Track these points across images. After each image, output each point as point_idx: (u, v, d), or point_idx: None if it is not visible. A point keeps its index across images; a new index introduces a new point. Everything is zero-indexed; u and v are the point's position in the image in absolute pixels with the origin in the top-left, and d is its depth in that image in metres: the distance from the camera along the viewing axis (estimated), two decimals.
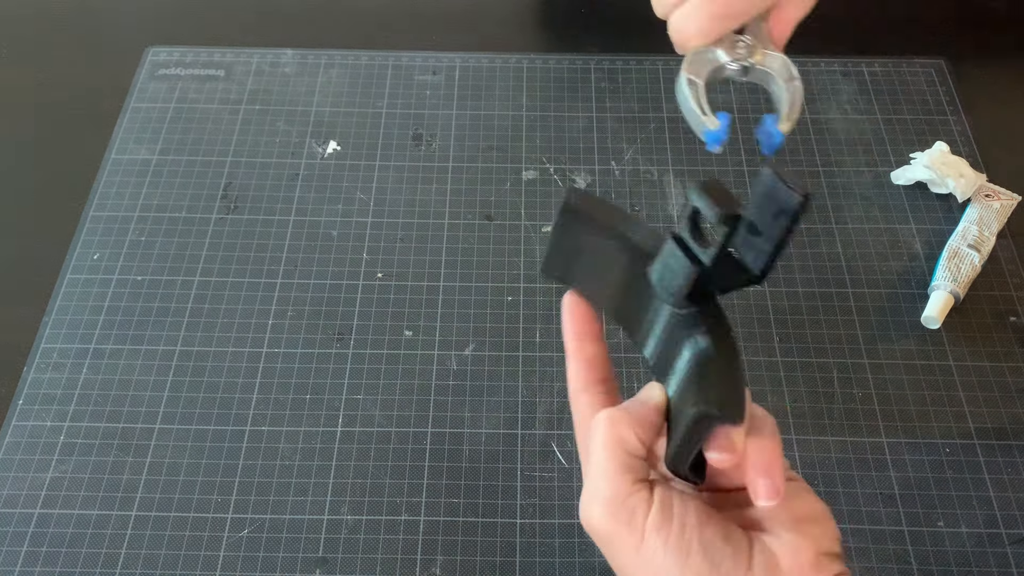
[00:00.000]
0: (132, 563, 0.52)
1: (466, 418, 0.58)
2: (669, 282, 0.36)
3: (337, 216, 0.69)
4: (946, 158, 0.69)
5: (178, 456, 0.57)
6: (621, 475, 0.34)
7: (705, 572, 0.33)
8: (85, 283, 0.65)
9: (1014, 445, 0.57)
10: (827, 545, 0.34)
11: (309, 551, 0.53)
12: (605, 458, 0.34)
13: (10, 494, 0.55)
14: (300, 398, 0.59)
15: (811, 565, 0.33)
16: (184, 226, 0.68)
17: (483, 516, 0.54)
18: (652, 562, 0.33)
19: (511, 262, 0.66)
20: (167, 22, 0.84)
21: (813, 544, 0.34)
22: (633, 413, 0.36)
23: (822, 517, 0.35)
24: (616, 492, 0.34)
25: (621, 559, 0.34)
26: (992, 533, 0.53)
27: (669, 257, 0.36)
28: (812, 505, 0.35)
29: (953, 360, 0.61)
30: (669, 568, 0.32)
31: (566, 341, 0.40)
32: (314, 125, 0.75)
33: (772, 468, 0.34)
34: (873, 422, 0.58)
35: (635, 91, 0.78)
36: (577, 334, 0.40)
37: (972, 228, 0.66)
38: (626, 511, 0.33)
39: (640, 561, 0.33)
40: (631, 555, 0.33)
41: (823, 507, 0.36)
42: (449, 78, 0.79)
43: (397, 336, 0.62)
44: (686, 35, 0.43)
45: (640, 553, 0.33)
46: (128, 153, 0.73)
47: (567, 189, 0.40)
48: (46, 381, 0.60)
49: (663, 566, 0.33)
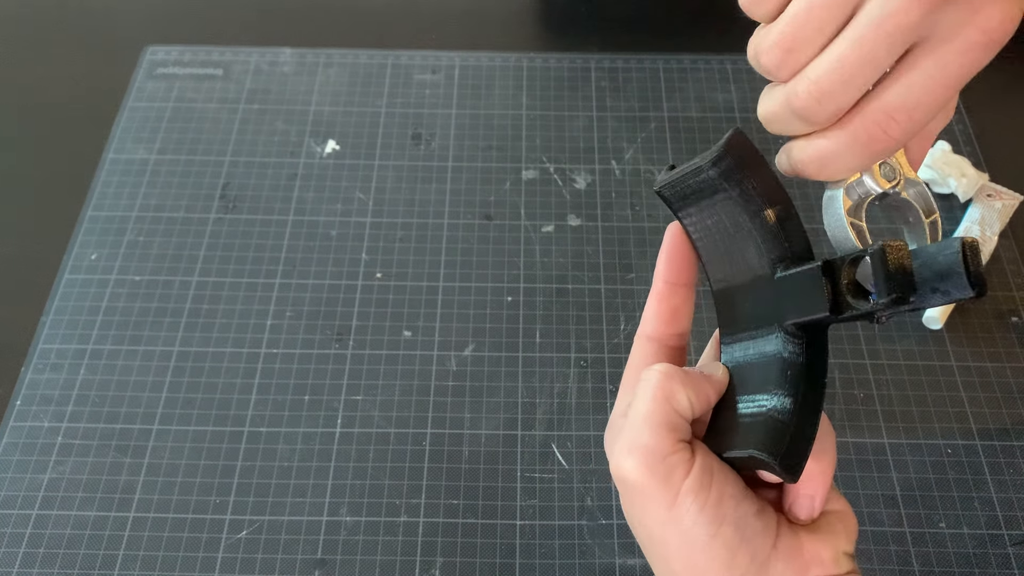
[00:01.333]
0: (130, 564, 0.52)
1: (466, 419, 0.58)
2: (795, 303, 0.33)
3: (336, 216, 0.69)
4: (948, 158, 0.69)
5: (176, 457, 0.56)
6: (665, 430, 0.33)
7: (734, 545, 0.32)
8: (83, 283, 0.65)
9: (1016, 445, 0.57)
10: (844, 544, 0.34)
11: (308, 552, 0.53)
12: (652, 409, 0.33)
13: (7, 495, 0.55)
14: (299, 398, 0.59)
15: (832, 560, 0.33)
16: (182, 226, 0.68)
17: (482, 517, 0.54)
18: (681, 523, 0.32)
19: (511, 262, 0.66)
20: (165, 21, 0.84)
21: (835, 540, 0.34)
22: (691, 377, 0.34)
23: (846, 515, 0.35)
24: (657, 445, 0.32)
25: (646, 514, 0.33)
26: (994, 534, 0.53)
27: (810, 281, 0.32)
28: (838, 501, 0.35)
29: (955, 360, 0.61)
30: (698, 534, 0.32)
31: (656, 279, 0.37)
32: (313, 124, 0.75)
33: (819, 491, 0.34)
34: (875, 422, 0.58)
35: (635, 91, 0.77)
36: (670, 276, 0.36)
37: (974, 228, 0.65)
38: (665, 467, 0.32)
39: (668, 518, 0.32)
40: (659, 512, 0.32)
41: (847, 505, 0.36)
42: (449, 77, 0.78)
43: (396, 336, 0.62)
44: (832, 170, 0.33)
45: (670, 512, 0.32)
46: (126, 152, 0.73)
47: (733, 130, 0.34)
48: (44, 381, 0.60)
49: (691, 530, 0.32)
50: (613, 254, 0.66)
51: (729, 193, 0.34)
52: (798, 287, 0.32)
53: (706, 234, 0.36)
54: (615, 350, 0.61)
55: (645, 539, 0.34)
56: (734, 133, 0.34)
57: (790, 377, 0.33)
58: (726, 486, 0.33)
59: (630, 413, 0.34)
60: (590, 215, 0.69)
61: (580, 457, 0.56)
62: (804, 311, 0.32)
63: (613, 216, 0.68)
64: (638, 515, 0.33)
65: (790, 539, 0.33)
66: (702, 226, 0.36)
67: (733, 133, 0.34)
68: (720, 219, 0.35)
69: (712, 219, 0.35)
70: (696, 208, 0.36)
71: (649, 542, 0.34)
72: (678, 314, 0.37)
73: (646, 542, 0.34)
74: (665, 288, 0.36)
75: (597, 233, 0.68)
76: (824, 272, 0.31)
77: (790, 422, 0.32)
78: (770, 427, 0.32)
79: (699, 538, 0.32)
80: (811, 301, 0.32)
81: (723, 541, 0.32)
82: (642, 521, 0.33)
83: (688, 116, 0.75)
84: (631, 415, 0.34)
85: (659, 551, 0.33)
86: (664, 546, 0.32)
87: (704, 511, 0.32)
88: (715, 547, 0.32)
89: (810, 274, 0.32)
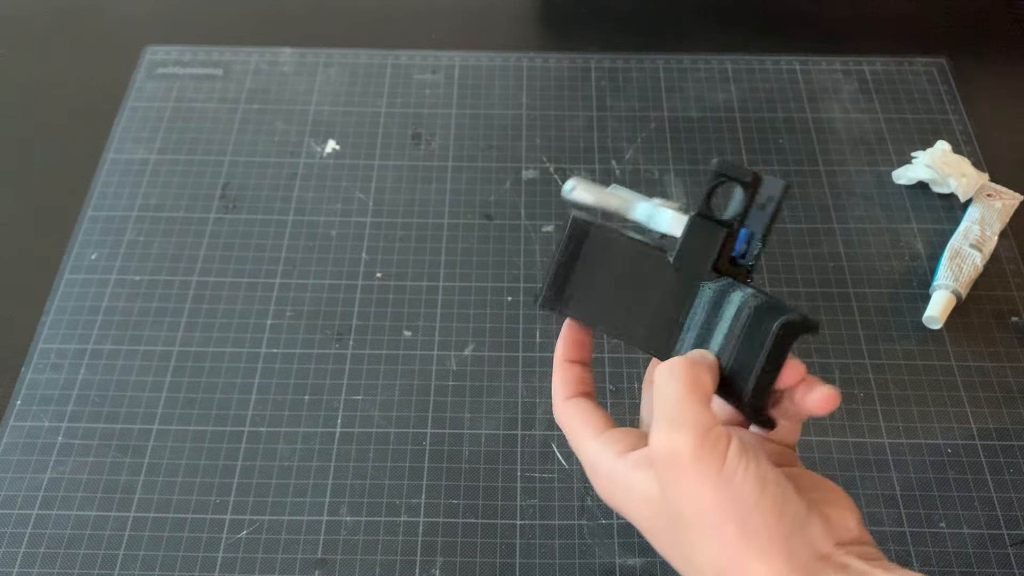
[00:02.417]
0: (130, 564, 0.52)
1: (466, 418, 0.58)
2: (700, 255, 0.40)
3: (336, 216, 0.69)
4: (948, 157, 0.69)
5: (176, 457, 0.56)
6: (702, 407, 0.36)
7: (780, 502, 0.34)
8: (83, 283, 0.65)
9: (1016, 445, 0.57)
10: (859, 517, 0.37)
11: (308, 552, 0.53)
12: (685, 393, 0.36)
13: (8, 495, 0.55)
14: (299, 398, 0.59)
15: (857, 528, 0.36)
16: (182, 226, 0.68)
17: (483, 517, 0.54)
18: (731, 484, 0.34)
19: (511, 262, 0.66)
20: (165, 21, 0.84)
21: (853, 512, 0.36)
22: (707, 362, 0.38)
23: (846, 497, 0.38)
24: (702, 418, 0.35)
25: (700, 482, 0.34)
26: (994, 534, 0.53)
27: (695, 231, 0.40)
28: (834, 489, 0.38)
29: (955, 360, 0.61)
30: (748, 493, 0.34)
31: (556, 360, 0.43)
32: (313, 124, 0.75)
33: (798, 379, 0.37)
34: (875, 422, 0.58)
35: (635, 90, 0.78)
36: (568, 356, 0.43)
37: (974, 228, 0.65)
38: (712, 437, 0.35)
39: (719, 481, 0.34)
40: (711, 476, 0.34)
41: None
42: (448, 77, 0.78)
43: (396, 336, 0.62)
44: None
45: (720, 476, 0.34)
46: (126, 152, 0.73)
47: (570, 218, 0.43)
48: (44, 381, 0.60)
49: (741, 490, 0.34)
50: None
51: (597, 250, 0.43)
52: (692, 243, 0.40)
53: (589, 300, 0.43)
54: (615, 350, 0.61)
55: (694, 515, 0.35)
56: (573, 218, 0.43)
57: (744, 290, 0.39)
58: (760, 455, 0.35)
59: (661, 400, 0.36)
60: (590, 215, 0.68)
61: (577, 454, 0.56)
62: (709, 248, 0.40)
63: (613, 216, 0.68)
64: (689, 489, 0.35)
65: (819, 505, 0.36)
66: (584, 298, 0.43)
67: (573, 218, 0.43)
68: (600, 276, 0.42)
69: (593, 283, 0.42)
70: (578, 289, 0.43)
71: (699, 516, 0.35)
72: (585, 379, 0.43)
73: (695, 518, 0.35)
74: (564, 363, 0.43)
75: None
76: (699, 216, 0.40)
77: (769, 303, 0.37)
78: (766, 312, 0.37)
79: (750, 496, 0.34)
80: (708, 237, 0.40)
81: (771, 498, 0.34)
82: (695, 493, 0.35)
83: (688, 116, 0.75)
84: (663, 401, 0.36)
85: (711, 520, 0.34)
86: (718, 511, 0.34)
87: (750, 471, 0.34)
88: (764, 504, 0.34)
89: (693, 224, 0.40)
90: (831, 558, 0.34)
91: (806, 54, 0.80)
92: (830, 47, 0.81)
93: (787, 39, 0.82)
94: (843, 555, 0.35)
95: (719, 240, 0.40)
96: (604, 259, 0.42)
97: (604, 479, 0.39)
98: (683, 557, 0.36)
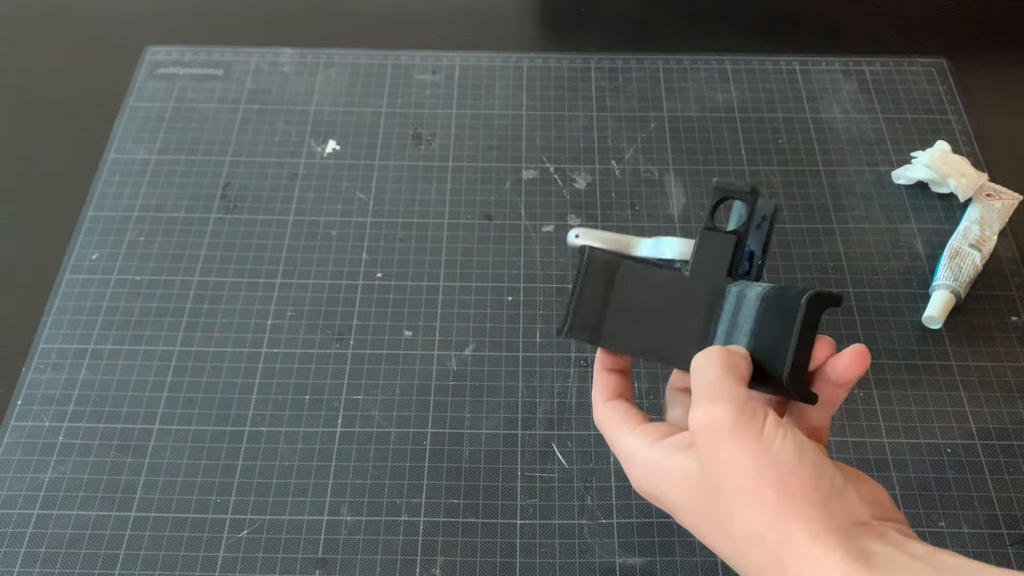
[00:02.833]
0: (131, 564, 0.52)
1: (466, 418, 0.58)
2: (714, 265, 0.43)
3: (336, 216, 0.69)
4: (947, 157, 0.69)
5: (177, 456, 0.56)
6: (741, 386, 0.38)
7: (818, 467, 0.35)
8: (84, 283, 0.65)
9: (1015, 445, 0.57)
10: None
11: (309, 552, 0.53)
12: (723, 374, 0.38)
13: (8, 495, 0.55)
14: (299, 398, 0.59)
15: (890, 504, 0.38)
16: (183, 226, 0.68)
17: (483, 517, 0.54)
18: (771, 450, 0.35)
19: (511, 262, 0.66)
20: (166, 21, 0.84)
21: (883, 490, 0.38)
22: (742, 352, 0.40)
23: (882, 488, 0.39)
24: (739, 393, 0.37)
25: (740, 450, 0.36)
26: (994, 533, 0.53)
27: (706, 244, 0.44)
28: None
29: (954, 360, 0.61)
30: (787, 458, 0.35)
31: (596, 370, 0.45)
32: (313, 124, 0.75)
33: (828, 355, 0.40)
34: (874, 422, 0.58)
35: (635, 91, 0.78)
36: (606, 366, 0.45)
37: (973, 228, 0.66)
38: (749, 408, 0.36)
39: (759, 449, 0.35)
40: (750, 445, 0.36)
41: None
42: (449, 77, 0.79)
43: (397, 336, 0.62)
44: None
45: (759, 444, 0.36)
46: (127, 152, 0.73)
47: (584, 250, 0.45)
48: (45, 381, 0.60)
49: (780, 455, 0.35)
50: None
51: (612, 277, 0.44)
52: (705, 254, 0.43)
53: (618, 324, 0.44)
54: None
55: (734, 483, 0.36)
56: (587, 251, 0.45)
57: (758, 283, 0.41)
58: (794, 429, 0.37)
59: (698, 384, 0.38)
60: (590, 215, 0.69)
61: (580, 456, 0.56)
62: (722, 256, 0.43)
63: (613, 216, 0.68)
64: (728, 457, 0.36)
65: (854, 482, 0.37)
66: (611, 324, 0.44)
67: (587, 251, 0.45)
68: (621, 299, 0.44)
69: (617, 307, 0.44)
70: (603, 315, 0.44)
71: (739, 484, 0.36)
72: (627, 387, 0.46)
73: (734, 486, 0.36)
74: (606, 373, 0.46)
75: None
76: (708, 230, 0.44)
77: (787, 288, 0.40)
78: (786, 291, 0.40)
79: (789, 461, 0.35)
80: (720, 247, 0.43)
81: (809, 463, 0.35)
82: (734, 462, 0.36)
83: (688, 116, 0.75)
84: (701, 384, 0.38)
85: (750, 486, 0.35)
86: (757, 477, 0.35)
87: (788, 439, 0.36)
88: (804, 468, 0.35)
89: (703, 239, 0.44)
90: (869, 525, 0.35)
91: (806, 54, 0.80)
92: (830, 47, 0.81)
93: (787, 39, 0.82)
94: (880, 525, 0.35)
95: (731, 247, 0.43)
96: (623, 286, 0.44)
97: (639, 467, 0.41)
98: (721, 530, 0.37)
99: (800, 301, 0.38)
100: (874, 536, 0.34)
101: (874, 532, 0.35)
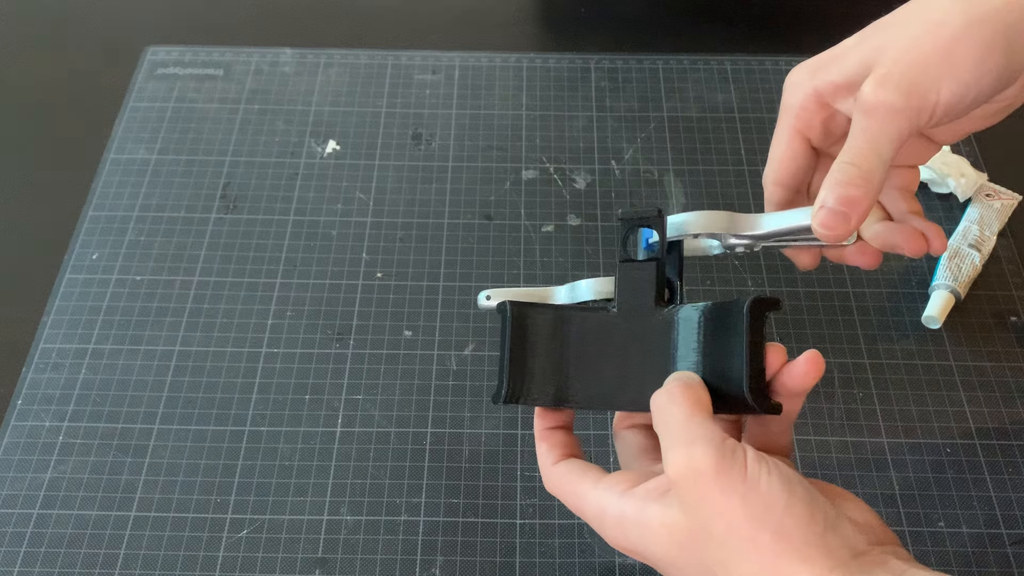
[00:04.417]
0: (131, 563, 0.52)
1: (466, 418, 0.58)
2: (639, 295, 0.41)
3: (336, 216, 0.69)
4: (946, 157, 0.69)
5: (177, 456, 0.57)
6: (713, 424, 0.35)
7: (809, 501, 0.34)
8: (84, 283, 0.65)
9: (1015, 445, 0.57)
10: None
11: (308, 551, 0.53)
12: (691, 413, 0.36)
13: (8, 494, 0.55)
14: (299, 398, 0.59)
15: (883, 528, 0.36)
16: (183, 226, 0.68)
17: (483, 516, 0.54)
18: (758, 490, 0.34)
19: (511, 262, 0.66)
20: (166, 21, 0.84)
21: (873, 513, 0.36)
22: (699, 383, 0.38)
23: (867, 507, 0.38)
24: (714, 433, 0.35)
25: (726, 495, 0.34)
26: (993, 533, 0.53)
27: (629, 275, 0.42)
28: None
29: (954, 360, 0.61)
30: (777, 496, 0.33)
31: (537, 432, 0.43)
32: (313, 124, 0.75)
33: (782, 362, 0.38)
34: (873, 422, 0.58)
35: (635, 91, 0.78)
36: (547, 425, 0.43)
37: (973, 228, 0.66)
38: (728, 447, 0.34)
39: (746, 489, 0.34)
40: (737, 487, 0.34)
41: None
42: (449, 77, 0.79)
43: (397, 336, 0.62)
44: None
45: (746, 484, 0.34)
46: (127, 153, 0.73)
47: (505, 307, 0.43)
48: (45, 381, 0.60)
49: (769, 494, 0.33)
50: (613, 254, 0.66)
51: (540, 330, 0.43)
52: (628, 287, 0.42)
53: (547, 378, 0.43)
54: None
55: (725, 531, 0.34)
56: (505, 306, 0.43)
57: (694, 305, 0.40)
58: (776, 462, 0.35)
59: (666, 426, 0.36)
60: (590, 215, 0.69)
61: None
62: (647, 284, 0.41)
63: (613, 216, 0.69)
64: (716, 504, 0.34)
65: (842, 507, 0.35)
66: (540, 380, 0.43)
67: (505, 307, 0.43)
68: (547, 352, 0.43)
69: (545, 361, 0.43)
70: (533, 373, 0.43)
71: (730, 531, 0.34)
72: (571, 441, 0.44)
73: (725, 533, 0.34)
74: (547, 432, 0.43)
75: (597, 233, 0.68)
76: (626, 262, 0.42)
77: (723, 302, 0.39)
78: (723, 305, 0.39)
79: (779, 499, 0.33)
80: (642, 276, 0.42)
81: (800, 498, 0.34)
82: (723, 508, 0.34)
83: (688, 116, 0.75)
84: (669, 426, 0.36)
85: (744, 532, 0.34)
86: (750, 522, 0.33)
87: (773, 474, 0.34)
88: (795, 505, 0.33)
89: (623, 271, 0.42)
90: (868, 555, 0.34)
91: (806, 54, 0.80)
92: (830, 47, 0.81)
93: (787, 39, 0.82)
94: (879, 553, 0.34)
95: (652, 275, 0.41)
96: (550, 336, 0.43)
97: (614, 523, 0.38)
98: None
99: (743, 311, 0.37)
100: (877, 567, 0.33)
101: (875, 562, 0.33)
